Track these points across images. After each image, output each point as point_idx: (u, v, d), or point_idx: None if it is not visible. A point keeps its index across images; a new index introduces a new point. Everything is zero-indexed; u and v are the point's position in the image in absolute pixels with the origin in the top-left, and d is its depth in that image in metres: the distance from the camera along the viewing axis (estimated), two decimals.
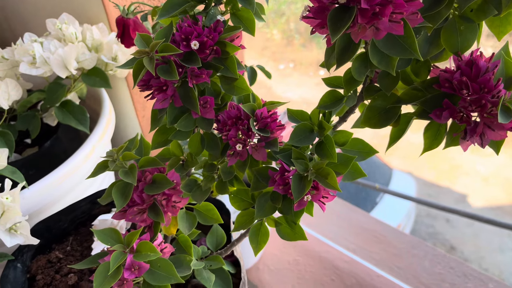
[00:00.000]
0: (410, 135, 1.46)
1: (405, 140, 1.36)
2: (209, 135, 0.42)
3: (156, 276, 0.39)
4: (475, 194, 2.72)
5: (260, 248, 0.42)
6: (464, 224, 2.68)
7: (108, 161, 0.42)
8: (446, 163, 3.01)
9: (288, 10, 3.78)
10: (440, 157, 3.01)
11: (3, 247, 0.51)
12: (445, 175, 2.97)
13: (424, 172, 3.05)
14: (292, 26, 3.53)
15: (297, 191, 0.37)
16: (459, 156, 3.01)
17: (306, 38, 3.54)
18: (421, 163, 2.92)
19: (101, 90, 0.70)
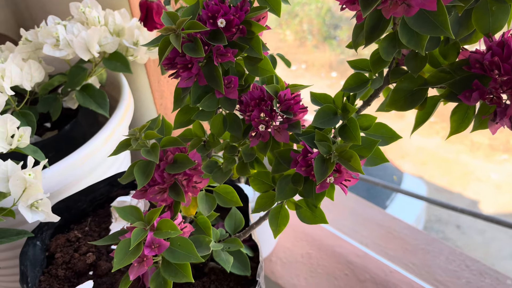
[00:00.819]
0: (421, 139, 1.42)
1: (416, 145, 1.34)
2: (231, 116, 0.42)
3: (176, 254, 0.39)
4: (487, 200, 2.68)
5: (280, 231, 0.42)
6: (475, 232, 2.64)
7: (131, 139, 0.42)
8: (458, 169, 2.98)
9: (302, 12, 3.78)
10: (452, 162, 2.98)
11: (23, 225, 0.52)
12: (457, 181, 2.94)
13: (435, 178, 3.02)
14: (305, 27, 3.51)
15: (320, 173, 0.37)
16: (471, 162, 2.98)
17: (318, 39, 3.52)
18: (433, 168, 2.89)
19: (121, 77, 0.71)
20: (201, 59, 0.38)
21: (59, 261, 0.48)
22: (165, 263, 0.40)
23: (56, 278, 0.47)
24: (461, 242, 2.51)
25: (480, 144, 2.76)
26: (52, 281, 0.47)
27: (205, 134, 0.44)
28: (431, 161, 2.46)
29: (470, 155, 2.64)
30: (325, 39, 2.79)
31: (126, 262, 0.37)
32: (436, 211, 2.61)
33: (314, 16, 1.88)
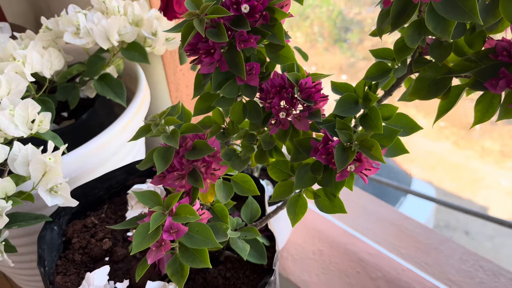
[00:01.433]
0: (430, 144, 1.40)
1: (425, 149, 1.32)
2: (251, 103, 0.42)
3: (194, 240, 0.39)
4: (497, 207, 2.64)
5: (298, 220, 0.42)
6: (484, 237, 2.61)
7: (151, 124, 0.42)
8: (468, 175, 2.94)
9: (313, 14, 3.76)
10: (462, 168, 2.94)
11: (41, 210, 0.52)
12: (467, 187, 2.90)
13: (444, 183, 2.99)
14: (316, 29, 3.49)
15: (340, 161, 0.37)
16: (482, 168, 2.94)
17: (329, 42, 3.50)
18: (442, 173, 2.86)
19: (137, 68, 0.71)
20: (224, 44, 0.38)
21: (76, 246, 0.49)
22: (182, 248, 0.40)
23: (73, 262, 0.48)
24: (470, 248, 2.47)
25: (491, 150, 2.72)
26: (69, 265, 0.47)
27: (224, 121, 0.44)
28: (440, 166, 2.43)
29: (480, 161, 2.61)
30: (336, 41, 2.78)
31: (144, 246, 0.38)
32: (444, 216, 2.58)
33: (325, 18, 1.87)
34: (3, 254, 0.45)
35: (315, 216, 0.94)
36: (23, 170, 0.46)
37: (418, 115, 1.28)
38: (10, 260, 0.46)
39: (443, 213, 2.62)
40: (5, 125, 0.46)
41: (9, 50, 0.53)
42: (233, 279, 0.45)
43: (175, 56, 0.76)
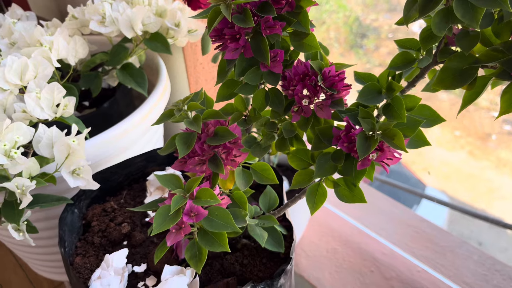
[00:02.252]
0: (445, 153, 1.38)
1: (440, 158, 1.30)
2: (274, 91, 0.42)
3: (214, 223, 0.39)
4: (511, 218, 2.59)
5: (317, 208, 0.42)
6: (498, 249, 2.56)
7: (174, 109, 0.43)
8: (482, 185, 2.89)
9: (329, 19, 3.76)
10: (477, 178, 2.90)
11: (62, 194, 0.53)
12: (481, 198, 2.85)
13: (458, 193, 2.94)
14: (332, 35, 3.47)
15: (363, 149, 0.37)
16: (497, 179, 2.89)
17: (345, 48, 3.49)
18: (456, 183, 2.82)
19: (159, 60, 0.72)
20: (249, 30, 0.38)
21: (95, 229, 0.49)
22: (201, 232, 0.40)
23: (92, 245, 0.48)
24: None
25: (507, 160, 2.67)
26: (88, 247, 0.48)
27: (246, 109, 0.44)
28: (454, 175, 2.39)
29: (496, 171, 2.57)
30: (352, 47, 2.77)
31: (164, 227, 0.38)
32: (457, 226, 2.54)
33: (341, 24, 1.87)
34: (24, 233, 0.46)
35: (329, 214, 0.94)
36: (47, 152, 0.47)
37: None
38: (32, 240, 0.47)
39: (457, 223, 2.58)
40: (31, 107, 0.47)
41: (36, 36, 0.54)
42: (250, 266, 0.45)
43: (195, 50, 0.77)
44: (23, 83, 0.50)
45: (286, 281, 0.45)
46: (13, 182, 0.42)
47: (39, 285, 1.17)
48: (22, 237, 0.46)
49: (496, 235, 2.22)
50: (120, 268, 0.44)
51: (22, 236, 0.46)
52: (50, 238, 0.64)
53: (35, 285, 1.18)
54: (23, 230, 0.46)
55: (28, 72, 0.49)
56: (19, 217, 0.44)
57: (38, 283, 1.18)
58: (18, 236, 0.45)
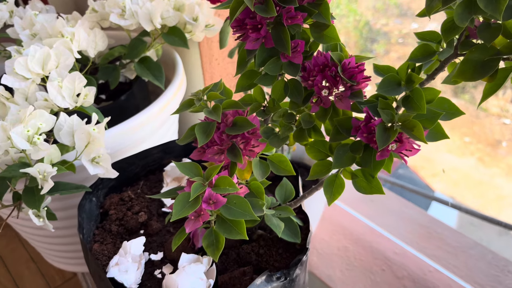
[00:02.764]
0: (454, 159, 1.36)
1: (449, 164, 1.29)
2: (293, 81, 0.42)
3: (232, 211, 0.40)
4: None
5: (334, 199, 0.42)
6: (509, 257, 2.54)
7: (194, 99, 0.43)
8: (492, 192, 2.86)
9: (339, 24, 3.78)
10: (486, 185, 2.87)
11: (81, 183, 0.54)
12: (490, 205, 2.82)
13: (467, 199, 2.91)
14: (342, 39, 3.44)
15: (382, 140, 0.37)
16: (506, 186, 2.86)
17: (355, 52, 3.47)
18: (465, 189, 2.79)
19: (175, 55, 0.73)
20: (271, 20, 0.39)
21: (112, 217, 0.50)
22: (220, 220, 0.41)
23: (110, 232, 0.49)
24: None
25: None
26: (106, 235, 0.49)
27: (265, 99, 0.45)
28: (463, 182, 2.37)
29: (506, 179, 2.54)
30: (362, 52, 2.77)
31: (184, 213, 0.38)
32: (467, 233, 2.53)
33: (351, 28, 1.87)
34: (44, 219, 0.47)
35: (341, 213, 0.94)
36: (68, 140, 0.47)
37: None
38: (51, 225, 0.47)
39: (466, 230, 2.56)
40: (53, 95, 0.48)
41: (58, 27, 0.55)
42: (266, 256, 0.45)
43: (211, 46, 0.77)
44: (44, 72, 0.50)
45: (302, 273, 0.45)
46: (35, 168, 0.43)
47: (51, 279, 1.18)
48: (42, 223, 0.47)
49: (506, 243, 2.20)
50: (137, 256, 0.45)
51: (42, 221, 0.47)
52: (66, 228, 0.65)
53: (47, 278, 1.19)
54: (43, 216, 0.47)
55: (50, 61, 0.50)
56: (39, 203, 0.45)
57: (50, 277, 1.19)
58: (38, 221, 0.46)
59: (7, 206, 0.48)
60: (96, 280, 0.44)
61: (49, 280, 1.19)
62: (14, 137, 0.41)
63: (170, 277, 0.41)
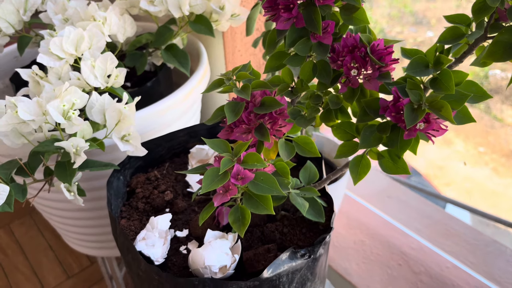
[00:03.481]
0: (468, 169, 1.34)
1: (463, 173, 1.28)
2: (322, 63, 0.43)
3: (259, 187, 0.40)
4: None
5: (360, 179, 0.43)
6: None
7: (223, 79, 0.44)
8: (506, 203, 2.82)
9: None
10: (500, 195, 2.83)
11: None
12: (504, 215, 2.78)
13: (481, 209, 2.87)
14: None
15: (410, 118, 0.38)
16: None
17: None
18: (479, 199, 2.75)
19: (199, 45, 0.74)
20: (303, 0, 0.39)
21: (139, 195, 0.51)
22: (247, 196, 0.42)
23: (136, 209, 0.50)
24: None
25: None
26: (132, 212, 0.50)
27: (293, 81, 0.46)
28: (477, 191, 2.35)
29: None
30: None
31: (212, 187, 0.39)
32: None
33: None
34: (75, 194, 0.48)
35: (357, 207, 0.94)
36: (99, 118, 0.49)
37: (457, 139, 1.25)
38: (82, 200, 0.49)
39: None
40: (86, 74, 0.49)
41: (91, 11, 0.57)
42: (289, 235, 0.46)
43: (235, 37, 0.79)
44: (77, 53, 0.52)
45: (324, 254, 0.46)
46: (69, 141, 0.44)
47: (68, 267, 1.20)
48: (73, 197, 0.48)
49: None
50: (164, 231, 0.46)
51: (73, 196, 0.48)
52: (90, 210, 0.66)
53: (64, 266, 1.21)
54: (74, 190, 0.48)
55: (83, 43, 0.51)
56: (71, 177, 0.46)
57: (68, 265, 1.21)
58: (69, 195, 0.48)
59: (39, 180, 0.50)
60: (124, 252, 0.45)
61: (67, 268, 1.20)
62: (51, 110, 0.43)
63: (197, 251, 0.42)
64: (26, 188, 0.47)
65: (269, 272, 0.40)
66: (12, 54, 0.79)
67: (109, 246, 0.76)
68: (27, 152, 0.49)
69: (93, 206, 0.65)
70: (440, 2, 1.05)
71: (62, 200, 0.64)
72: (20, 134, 0.48)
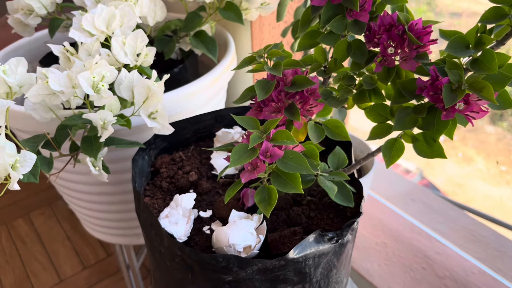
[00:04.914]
0: (488, 187, 1.28)
1: (483, 192, 1.24)
2: (357, 42, 0.42)
3: (288, 165, 0.39)
4: None
5: (392, 162, 0.41)
6: None
7: (255, 56, 0.44)
8: None
9: None
10: None
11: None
12: None
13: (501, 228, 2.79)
14: None
15: (449, 98, 0.36)
16: None
17: None
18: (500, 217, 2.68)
19: (227, 35, 0.74)
20: None
21: (163, 175, 0.51)
22: (274, 175, 0.40)
23: (160, 188, 0.49)
24: None
25: None
26: (156, 190, 0.49)
27: (326, 60, 0.45)
28: (497, 210, 2.30)
29: None
30: None
31: (241, 162, 0.38)
32: None
33: None
34: (100, 169, 0.48)
35: (381, 208, 0.92)
36: (127, 95, 0.49)
37: (478, 157, 1.21)
38: (106, 175, 0.48)
39: None
40: (117, 51, 0.49)
41: None
42: (316, 219, 0.44)
43: (262, 28, 0.78)
44: (108, 31, 0.52)
45: (351, 242, 0.45)
46: (97, 114, 0.44)
47: (85, 257, 1.21)
48: (98, 172, 0.48)
49: None
50: (187, 210, 0.45)
51: (97, 171, 0.48)
52: (111, 194, 0.66)
53: (81, 257, 1.22)
54: (99, 165, 0.48)
55: (114, 21, 0.51)
56: (97, 151, 0.46)
57: (84, 256, 1.21)
58: (94, 170, 0.47)
59: (65, 155, 0.49)
60: (146, 228, 0.44)
61: (84, 258, 1.21)
62: (81, 81, 0.43)
63: (221, 229, 0.41)
64: (52, 160, 0.47)
65: (296, 253, 0.38)
66: (42, 39, 0.80)
67: (129, 233, 0.76)
68: (54, 130, 0.49)
69: (115, 190, 0.65)
70: (465, 18, 1.03)
71: (85, 182, 0.64)
72: (49, 108, 0.49)
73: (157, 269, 0.47)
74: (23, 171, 0.40)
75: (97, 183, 0.64)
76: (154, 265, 0.48)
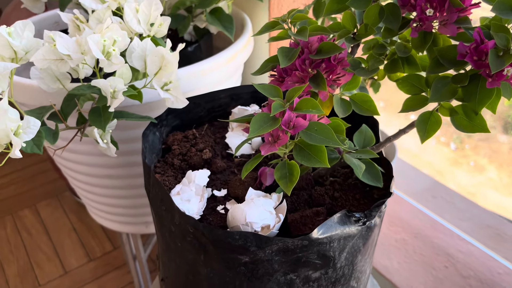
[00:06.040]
0: (500, 198, 1.24)
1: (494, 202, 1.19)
2: (390, 6, 0.38)
3: (313, 137, 0.36)
4: None
5: (428, 137, 0.37)
6: None
7: (278, 21, 0.40)
8: None
9: None
10: None
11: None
12: None
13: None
14: None
15: (496, 63, 0.32)
16: None
17: None
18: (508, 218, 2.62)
19: (244, 16, 0.71)
20: None
21: (175, 152, 0.47)
22: (297, 148, 0.37)
23: (171, 166, 0.46)
24: None
25: None
26: (167, 168, 0.46)
27: (355, 27, 0.41)
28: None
29: None
30: None
31: (261, 132, 0.35)
32: None
33: None
34: (108, 142, 0.45)
35: (401, 204, 0.88)
36: (139, 65, 0.45)
37: (490, 167, 1.17)
38: (115, 149, 0.45)
39: None
40: (129, 18, 0.46)
41: None
42: (341, 200, 0.41)
43: (281, 9, 0.75)
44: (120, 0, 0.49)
45: (378, 226, 0.41)
46: (108, 80, 0.41)
47: (91, 250, 1.18)
48: (106, 145, 0.45)
49: None
50: (200, 187, 0.42)
51: (105, 144, 0.45)
52: (119, 177, 0.63)
53: (87, 249, 1.19)
54: (107, 139, 0.45)
55: None
56: (106, 122, 0.43)
57: (90, 248, 1.19)
58: (102, 143, 0.44)
59: (71, 128, 0.46)
60: (156, 205, 0.41)
61: (89, 251, 1.18)
62: (91, 44, 0.39)
63: (238, 206, 0.38)
64: (58, 131, 0.44)
65: (320, 233, 0.35)
66: (52, 18, 0.77)
67: (137, 221, 0.73)
68: (60, 103, 0.46)
69: (123, 173, 0.62)
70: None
71: (92, 164, 0.61)
72: (56, 77, 0.46)
73: (166, 252, 0.44)
74: (26, 138, 0.37)
75: (105, 166, 0.61)
76: (163, 248, 0.45)
